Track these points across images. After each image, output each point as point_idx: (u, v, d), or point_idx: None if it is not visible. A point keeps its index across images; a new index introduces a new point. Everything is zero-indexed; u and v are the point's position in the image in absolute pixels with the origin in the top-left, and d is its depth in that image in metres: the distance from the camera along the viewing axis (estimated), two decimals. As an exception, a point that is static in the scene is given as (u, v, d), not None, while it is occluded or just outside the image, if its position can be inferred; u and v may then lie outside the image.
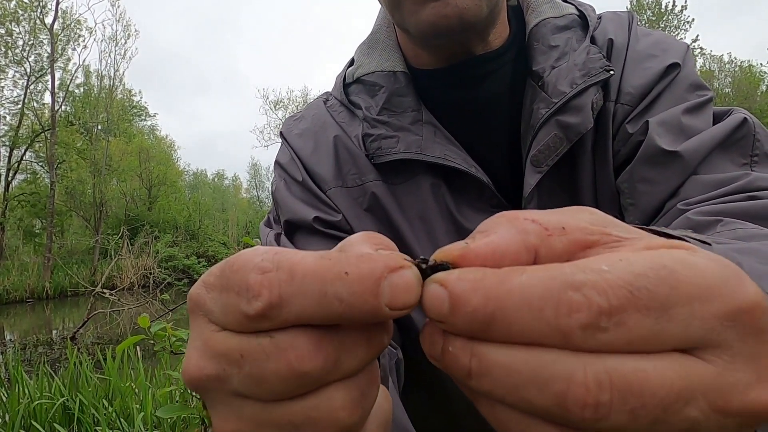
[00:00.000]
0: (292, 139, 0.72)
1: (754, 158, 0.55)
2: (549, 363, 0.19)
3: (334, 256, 0.22)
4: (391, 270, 0.21)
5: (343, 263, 0.21)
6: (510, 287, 0.19)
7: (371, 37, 0.74)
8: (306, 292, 0.21)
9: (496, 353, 0.20)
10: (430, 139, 0.64)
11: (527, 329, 0.19)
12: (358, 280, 0.21)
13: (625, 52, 0.63)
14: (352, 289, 0.21)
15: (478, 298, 0.20)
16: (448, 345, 0.21)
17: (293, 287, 0.21)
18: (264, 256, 0.22)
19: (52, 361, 6.19)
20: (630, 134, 0.60)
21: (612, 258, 0.20)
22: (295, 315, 0.21)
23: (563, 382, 0.18)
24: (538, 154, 0.60)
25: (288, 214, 0.67)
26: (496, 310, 0.19)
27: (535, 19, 0.66)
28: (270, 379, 0.22)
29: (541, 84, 0.62)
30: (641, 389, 0.18)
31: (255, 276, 0.22)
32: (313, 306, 0.21)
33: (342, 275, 0.21)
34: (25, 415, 2.88)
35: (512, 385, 0.19)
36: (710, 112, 0.60)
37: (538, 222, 0.22)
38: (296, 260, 0.22)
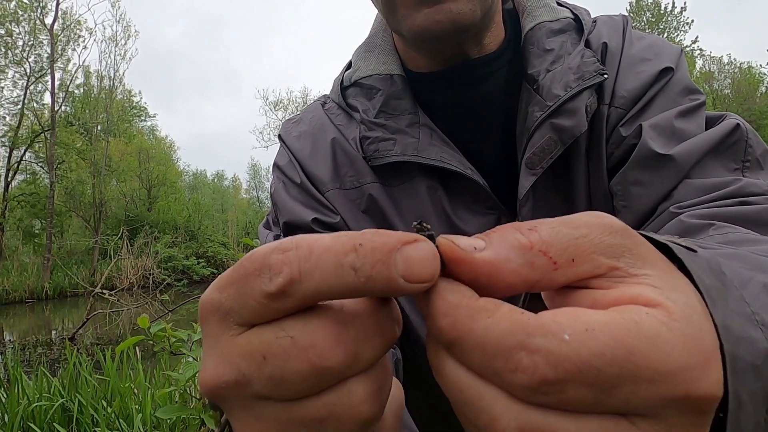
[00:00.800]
0: (291, 141, 0.73)
1: (746, 164, 0.56)
2: (486, 396, 0.21)
3: (350, 233, 0.23)
4: (404, 242, 0.22)
5: (357, 237, 0.22)
6: (473, 326, 0.21)
7: (368, 40, 0.75)
8: (323, 265, 0.22)
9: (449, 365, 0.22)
10: (426, 141, 0.64)
11: (479, 366, 0.21)
12: (371, 250, 0.22)
13: (619, 56, 0.64)
14: (365, 259, 0.21)
15: (446, 322, 0.22)
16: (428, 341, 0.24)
17: (311, 262, 0.22)
18: (283, 240, 0.23)
19: (51, 361, 6.19)
20: (623, 137, 0.61)
21: (577, 324, 0.20)
22: (314, 289, 0.22)
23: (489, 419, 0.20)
24: (533, 156, 0.61)
25: (287, 216, 0.68)
26: (457, 339, 0.21)
27: (530, 22, 0.67)
28: (292, 378, 0.22)
29: (536, 87, 0.62)
30: None
31: (276, 256, 0.22)
32: (330, 278, 0.22)
33: (356, 246, 0.22)
34: (24, 415, 2.88)
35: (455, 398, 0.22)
36: (703, 116, 0.61)
37: (548, 255, 0.22)
38: (313, 239, 0.23)
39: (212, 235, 26.55)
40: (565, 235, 0.22)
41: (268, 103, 30.66)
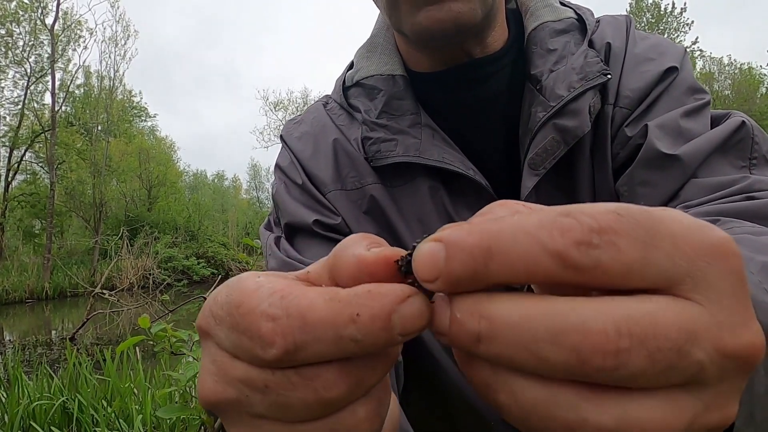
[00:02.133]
0: (292, 142, 0.73)
1: (752, 161, 0.56)
2: (562, 313, 0.19)
3: (343, 297, 0.22)
4: (400, 302, 0.22)
5: (353, 305, 0.21)
6: (504, 223, 0.20)
7: (370, 40, 0.75)
8: (320, 338, 0.21)
9: (504, 309, 0.20)
10: (428, 142, 0.64)
11: (523, 256, 0.19)
12: (370, 320, 0.21)
13: (623, 56, 0.64)
14: (366, 330, 0.21)
15: (473, 237, 0.20)
16: (455, 311, 0.21)
17: (307, 334, 0.21)
18: (270, 301, 0.22)
19: (51, 361, 6.18)
20: (629, 137, 0.61)
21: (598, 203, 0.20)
22: (312, 357, 0.22)
23: (579, 333, 0.18)
24: (536, 157, 0.61)
25: (288, 217, 0.68)
26: (492, 243, 0.19)
27: (533, 23, 0.66)
28: (296, 406, 0.22)
29: (539, 87, 0.62)
30: (656, 332, 0.18)
31: (266, 324, 0.22)
32: (330, 349, 0.22)
33: (354, 318, 0.21)
34: (24, 415, 2.88)
35: (524, 344, 0.19)
36: (708, 115, 0.61)
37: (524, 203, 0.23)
38: (305, 305, 0.22)
39: (212, 235, 26.54)
40: None
41: (269, 104, 30.68)
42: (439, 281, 0.21)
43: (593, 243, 0.19)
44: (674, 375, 0.19)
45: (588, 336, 0.18)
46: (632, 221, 0.19)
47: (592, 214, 0.19)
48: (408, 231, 0.66)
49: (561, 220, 0.19)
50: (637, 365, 0.18)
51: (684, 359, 0.19)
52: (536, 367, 0.19)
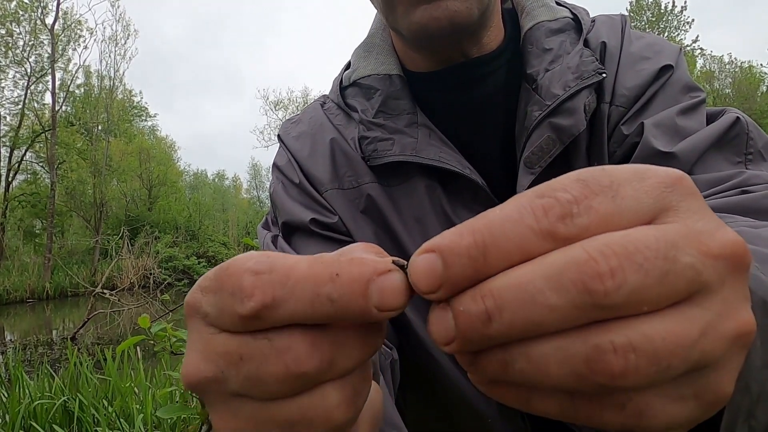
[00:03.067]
0: (290, 141, 0.73)
1: (748, 156, 0.56)
2: (553, 262, 0.20)
3: (327, 259, 0.23)
4: (379, 273, 0.22)
5: (334, 266, 0.22)
6: (488, 217, 0.21)
7: (367, 40, 0.75)
8: (299, 294, 0.22)
9: (502, 280, 0.21)
10: (425, 141, 0.64)
11: (517, 243, 0.21)
12: (348, 281, 0.22)
13: (618, 55, 0.64)
14: (343, 291, 0.22)
15: (466, 238, 0.21)
16: (457, 307, 0.21)
17: (286, 289, 0.22)
18: (258, 259, 0.23)
19: (52, 361, 6.19)
20: (625, 136, 0.61)
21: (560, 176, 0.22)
22: (288, 315, 0.22)
23: (573, 269, 0.20)
24: (531, 155, 0.61)
25: (286, 216, 0.68)
26: (486, 236, 0.21)
27: (529, 22, 0.67)
28: (268, 380, 0.23)
29: (535, 87, 0.63)
30: (636, 246, 0.20)
31: (248, 278, 0.23)
32: (306, 307, 0.22)
33: (333, 276, 0.22)
34: (25, 415, 2.88)
35: (530, 300, 0.20)
36: (704, 113, 0.61)
37: None
38: (290, 263, 0.23)
39: (213, 234, 26.58)
40: None
41: (269, 103, 30.68)
42: (442, 290, 0.21)
43: (574, 213, 0.21)
44: (674, 284, 0.20)
45: (580, 267, 0.19)
46: (596, 183, 0.21)
47: (564, 188, 0.21)
48: (405, 230, 0.66)
49: (539, 201, 0.21)
50: (634, 280, 0.19)
51: (674, 264, 0.20)
52: (548, 320, 0.20)
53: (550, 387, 0.21)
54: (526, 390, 0.23)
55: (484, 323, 0.21)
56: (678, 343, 0.20)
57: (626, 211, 0.21)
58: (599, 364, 0.20)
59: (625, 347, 0.19)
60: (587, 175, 0.22)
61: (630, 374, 0.19)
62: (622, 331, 0.20)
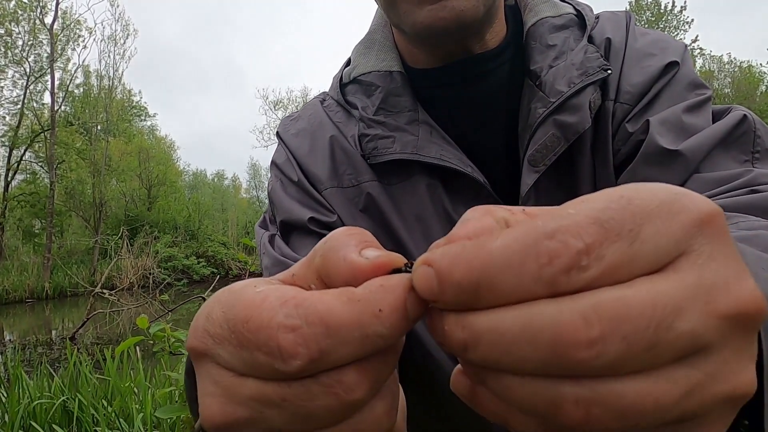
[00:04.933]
0: (289, 139, 0.72)
1: (755, 155, 0.55)
2: (534, 315, 0.19)
3: (361, 295, 0.22)
4: (410, 289, 0.22)
5: (373, 302, 0.22)
6: (488, 251, 0.20)
7: (368, 37, 0.74)
8: (347, 340, 0.21)
9: (483, 319, 0.20)
10: (426, 139, 0.63)
11: (513, 287, 0.19)
12: (392, 312, 0.22)
13: (623, 51, 0.63)
14: (390, 323, 0.22)
15: (461, 270, 0.20)
16: (443, 324, 0.22)
17: (332, 339, 0.21)
18: (285, 311, 0.22)
19: (51, 361, 6.18)
20: (630, 133, 0.60)
21: (573, 203, 0.20)
22: (338, 361, 0.22)
23: (551, 329, 0.19)
24: (536, 153, 0.60)
25: (284, 214, 0.67)
26: (480, 276, 0.20)
27: (532, 18, 0.66)
28: (319, 414, 0.22)
29: (539, 83, 0.62)
30: (627, 314, 0.18)
31: (285, 336, 0.21)
32: (356, 350, 0.22)
33: (377, 314, 0.22)
34: (24, 414, 2.88)
35: (505, 347, 0.19)
36: (710, 111, 0.60)
37: (500, 206, 0.23)
38: (324, 310, 0.22)
39: (212, 234, 26.54)
40: None
41: (268, 103, 30.71)
42: (439, 303, 0.22)
43: (582, 266, 0.19)
44: (660, 353, 0.18)
45: (559, 331, 0.18)
46: (617, 227, 0.19)
47: (578, 233, 0.19)
48: (406, 229, 0.65)
49: (546, 245, 0.19)
50: (614, 351, 0.18)
51: (666, 335, 0.18)
52: (518, 367, 0.20)
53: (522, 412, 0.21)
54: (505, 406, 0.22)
55: (462, 349, 0.21)
56: (654, 404, 0.19)
57: (641, 258, 0.19)
58: (561, 410, 0.19)
59: (589, 402, 0.19)
60: (609, 215, 0.19)
61: (592, 425, 0.19)
62: (591, 386, 0.19)
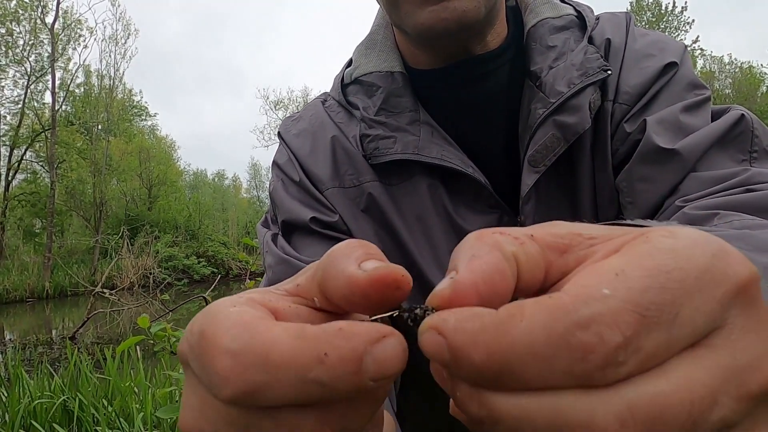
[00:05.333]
0: (290, 139, 0.72)
1: (753, 155, 0.55)
2: (564, 407, 0.17)
3: (310, 334, 0.20)
4: (372, 343, 0.20)
5: (321, 344, 0.20)
6: (512, 338, 0.18)
7: (369, 37, 0.74)
8: (281, 380, 0.19)
9: (504, 402, 0.18)
10: (427, 139, 0.64)
11: (539, 378, 0.18)
12: (339, 361, 0.19)
13: (622, 52, 0.63)
14: (333, 373, 0.19)
15: (479, 354, 0.18)
16: (454, 389, 0.20)
17: (268, 375, 0.19)
18: (233, 334, 0.20)
19: (51, 360, 6.18)
20: (628, 133, 0.60)
21: (605, 274, 0.18)
22: (272, 400, 0.20)
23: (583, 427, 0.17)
24: (536, 154, 0.60)
25: (285, 214, 0.67)
26: (502, 365, 0.18)
27: (533, 19, 0.66)
28: None
29: (539, 84, 0.62)
30: (664, 413, 0.17)
31: (223, 360, 0.20)
32: (293, 392, 0.20)
33: (321, 358, 0.19)
34: (24, 414, 2.89)
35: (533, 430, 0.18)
36: (709, 111, 0.60)
37: (505, 233, 0.21)
38: (268, 341, 0.20)
39: (213, 234, 26.55)
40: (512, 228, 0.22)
41: (269, 103, 30.71)
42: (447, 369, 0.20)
43: (619, 362, 0.17)
44: None
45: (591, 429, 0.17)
46: (656, 314, 0.17)
47: (615, 323, 0.17)
48: (407, 230, 0.66)
49: (580, 337, 0.17)
50: None
51: (703, 424, 0.17)
52: None
53: None
54: None
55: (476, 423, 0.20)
56: None
57: (678, 342, 0.18)
58: None
59: None
60: (649, 300, 0.17)
61: None
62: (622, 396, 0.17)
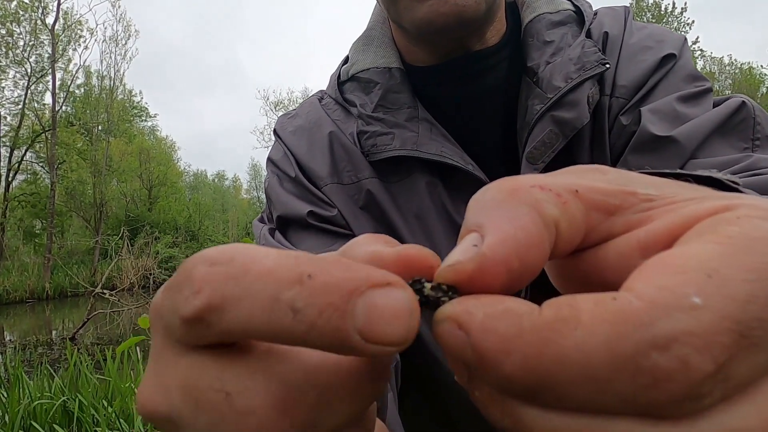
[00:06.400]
0: (286, 136, 0.72)
1: (755, 142, 0.54)
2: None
3: (304, 254, 0.17)
4: (372, 284, 0.16)
5: (309, 264, 0.16)
6: (560, 352, 0.14)
7: (366, 33, 0.74)
8: (254, 295, 0.16)
9: (538, 418, 0.15)
10: (426, 135, 0.63)
11: (587, 402, 0.14)
12: (322, 287, 0.16)
13: (620, 45, 0.63)
14: (312, 299, 0.16)
15: (513, 364, 0.14)
16: (473, 388, 0.17)
17: (240, 287, 0.16)
18: (223, 248, 0.18)
19: (51, 361, 6.17)
20: (624, 126, 0.60)
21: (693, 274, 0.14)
22: (238, 326, 0.16)
23: None
24: (534, 150, 0.60)
25: (281, 209, 0.67)
26: (542, 382, 0.14)
27: (530, 14, 0.66)
28: None
29: (536, 80, 0.61)
30: None
31: (201, 268, 0.17)
32: (261, 315, 0.16)
33: (303, 278, 0.16)
34: (24, 415, 2.88)
35: None
36: (710, 102, 0.59)
37: (546, 188, 0.17)
38: (253, 255, 0.17)
39: (213, 235, 26.57)
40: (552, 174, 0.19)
41: (269, 104, 30.72)
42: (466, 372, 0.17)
43: (703, 393, 0.13)
44: None
45: None
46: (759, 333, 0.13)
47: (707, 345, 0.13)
48: (406, 227, 0.65)
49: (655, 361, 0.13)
50: None
51: None
52: None
53: None
54: None
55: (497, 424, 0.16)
56: None
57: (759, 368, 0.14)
58: None
59: None
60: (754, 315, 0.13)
61: None
62: None
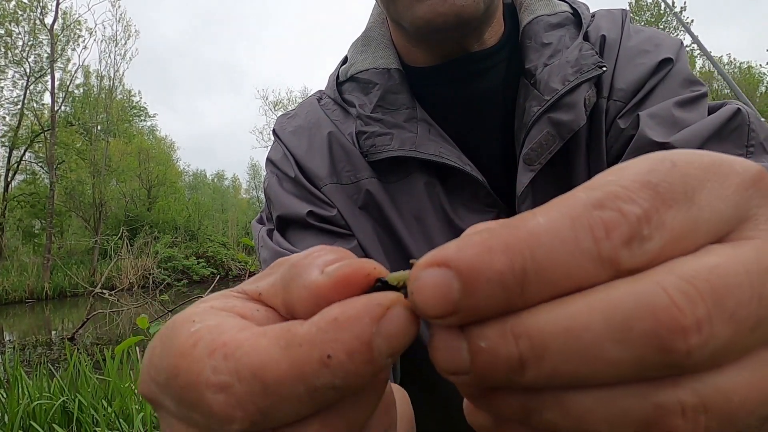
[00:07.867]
0: (286, 136, 0.72)
1: (749, 148, 0.55)
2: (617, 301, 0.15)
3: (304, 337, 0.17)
4: (378, 319, 0.17)
5: (319, 345, 0.17)
6: (530, 230, 0.16)
7: (365, 34, 0.74)
8: (289, 397, 0.17)
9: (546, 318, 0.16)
10: (424, 136, 0.63)
11: (569, 272, 0.15)
12: (348, 358, 0.17)
13: (617, 48, 0.63)
14: (344, 372, 0.17)
15: (498, 257, 0.15)
16: (477, 341, 0.17)
17: (272, 398, 0.17)
18: (213, 365, 0.17)
19: (51, 361, 6.17)
20: (622, 129, 0.60)
21: (612, 170, 0.17)
22: (283, 420, 0.18)
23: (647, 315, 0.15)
24: (531, 152, 0.60)
25: (280, 209, 0.67)
26: (527, 260, 0.15)
27: (528, 17, 0.66)
28: None
29: (534, 82, 0.62)
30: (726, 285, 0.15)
31: (215, 398, 0.17)
32: (305, 406, 0.17)
33: (325, 361, 0.17)
34: (24, 415, 2.88)
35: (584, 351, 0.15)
36: (705, 107, 0.60)
37: None
38: (257, 363, 0.17)
39: (212, 235, 26.55)
40: None
41: (268, 103, 30.73)
42: (455, 317, 0.17)
43: (644, 235, 0.16)
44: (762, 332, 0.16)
45: (657, 315, 0.15)
46: (669, 188, 0.16)
47: (630, 198, 0.16)
48: (405, 227, 0.65)
49: (599, 215, 0.16)
50: (725, 333, 0.15)
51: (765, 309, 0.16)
52: (601, 375, 0.15)
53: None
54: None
55: (515, 370, 0.16)
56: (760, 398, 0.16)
57: (703, 224, 0.16)
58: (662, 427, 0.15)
59: (696, 408, 0.15)
60: (658, 177, 0.16)
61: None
62: (693, 386, 0.15)
